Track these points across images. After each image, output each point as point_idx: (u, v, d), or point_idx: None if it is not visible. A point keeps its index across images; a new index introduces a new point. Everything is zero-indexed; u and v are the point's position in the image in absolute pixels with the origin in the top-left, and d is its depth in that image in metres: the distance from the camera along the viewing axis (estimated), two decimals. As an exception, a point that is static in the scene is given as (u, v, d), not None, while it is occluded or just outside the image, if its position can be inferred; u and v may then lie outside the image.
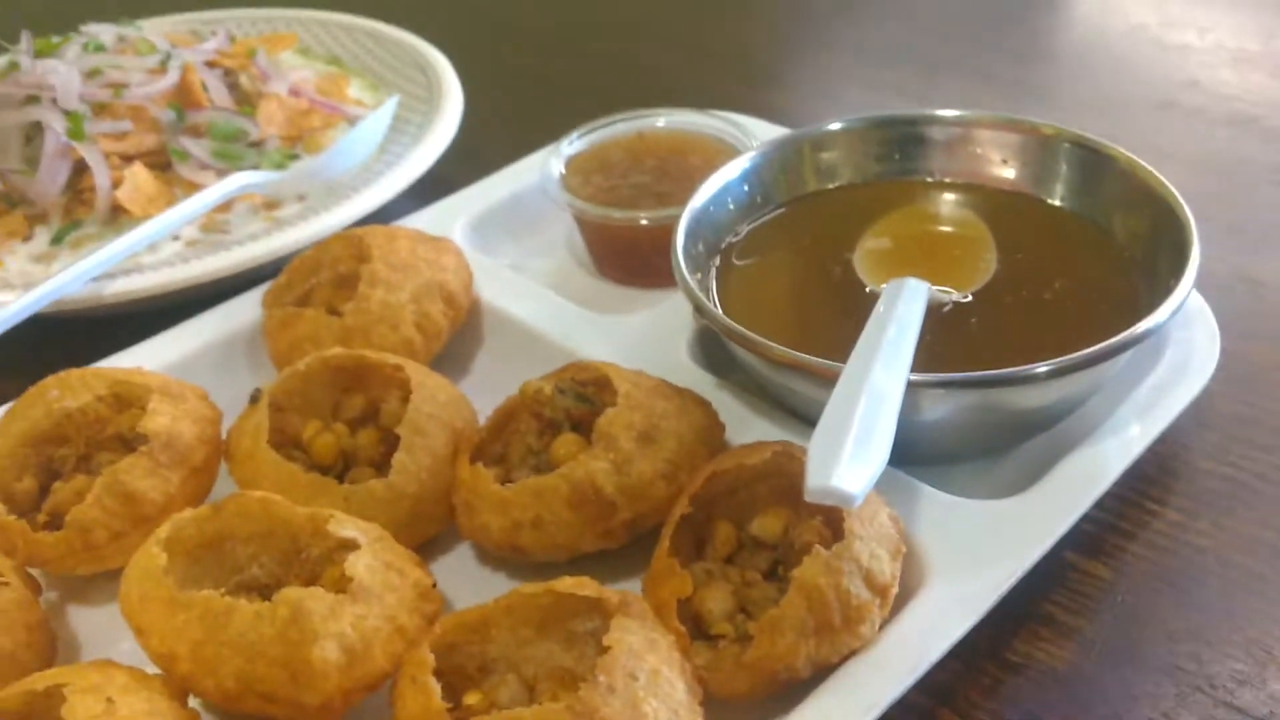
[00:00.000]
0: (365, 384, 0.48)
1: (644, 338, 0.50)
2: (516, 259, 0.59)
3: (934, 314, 0.46)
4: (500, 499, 0.43)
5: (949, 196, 0.52)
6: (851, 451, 0.35)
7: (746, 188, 0.53)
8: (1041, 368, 0.41)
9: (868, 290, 0.48)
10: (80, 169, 0.60)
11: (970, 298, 0.48)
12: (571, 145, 0.60)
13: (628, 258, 0.58)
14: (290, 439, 0.46)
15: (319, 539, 0.41)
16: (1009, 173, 0.52)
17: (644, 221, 0.55)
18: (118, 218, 0.61)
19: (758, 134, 0.60)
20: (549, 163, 0.58)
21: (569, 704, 0.33)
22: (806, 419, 0.45)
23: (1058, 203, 0.51)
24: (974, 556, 0.41)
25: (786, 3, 0.92)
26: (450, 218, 0.59)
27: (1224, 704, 0.39)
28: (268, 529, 0.41)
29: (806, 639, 0.37)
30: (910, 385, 0.40)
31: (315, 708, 0.36)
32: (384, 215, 0.60)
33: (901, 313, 0.43)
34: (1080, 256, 0.49)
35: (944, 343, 0.45)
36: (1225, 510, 0.46)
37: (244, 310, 0.54)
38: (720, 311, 0.46)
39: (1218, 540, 0.45)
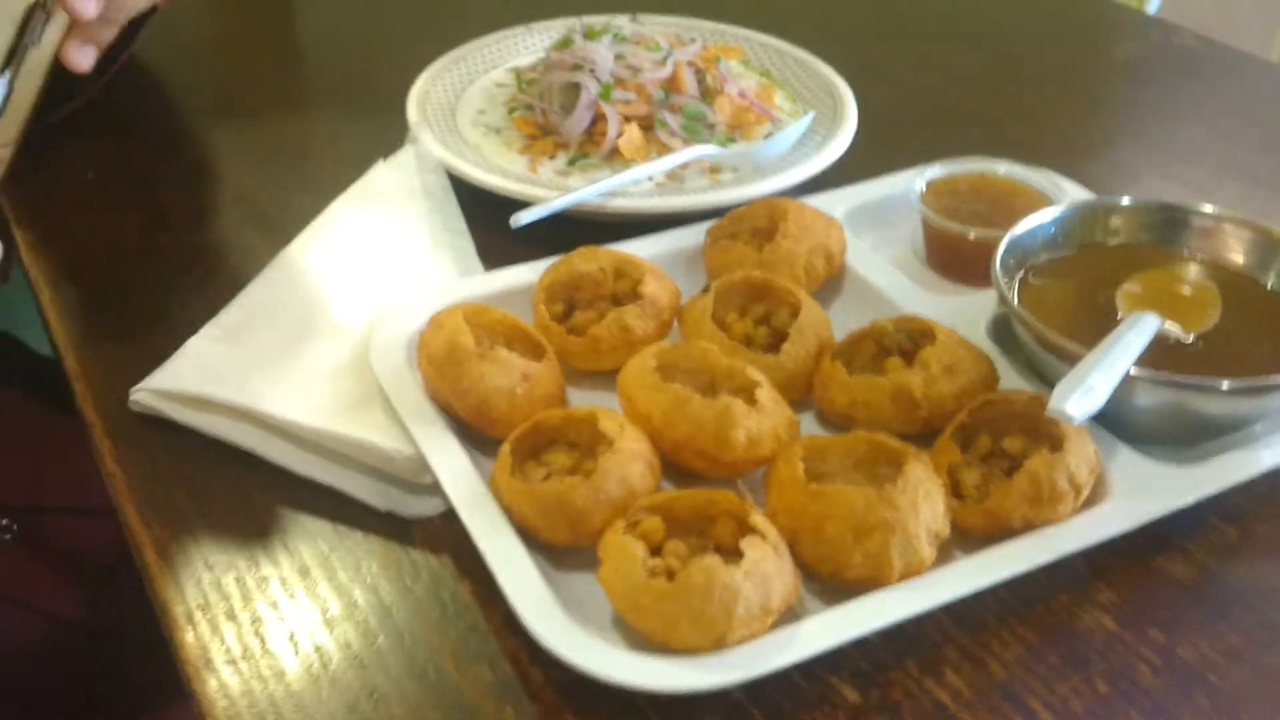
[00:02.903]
0: (765, 298, 0.73)
1: (956, 314, 0.72)
2: (873, 243, 0.83)
3: (1164, 342, 0.67)
4: (847, 383, 0.67)
5: (1194, 267, 0.73)
6: (1080, 392, 0.57)
7: (1053, 229, 0.74)
8: (1224, 383, 0.62)
9: (1118, 316, 0.70)
10: (597, 119, 0.89)
11: (1193, 338, 0.69)
12: (933, 171, 0.83)
13: (953, 259, 0.80)
14: (716, 319, 0.72)
15: (732, 379, 0.66)
16: (1241, 259, 0.72)
17: (972, 236, 0.78)
18: (612, 158, 0.88)
19: (1070, 192, 0.82)
20: (915, 180, 0.82)
21: (876, 490, 0.58)
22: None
23: (1274, 288, 0.71)
24: (1144, 491, 0.61)
25: (1114, 98, 1.12)
26: (835, 204, 0.83)
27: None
28: (701, 366, 0.67)
29: (1024, 504, 0.59)
30: (1130, 375, 0.62)
31: (725, 463, 0.62)
32: (786, 195, 0.85)
33: (1136, 330, 0.64)
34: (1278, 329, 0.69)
35: (1166, 361, 0.65)
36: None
37: (690, 236, 0.80)
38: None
39: (1326, 539, 0.65)
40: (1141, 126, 1.05)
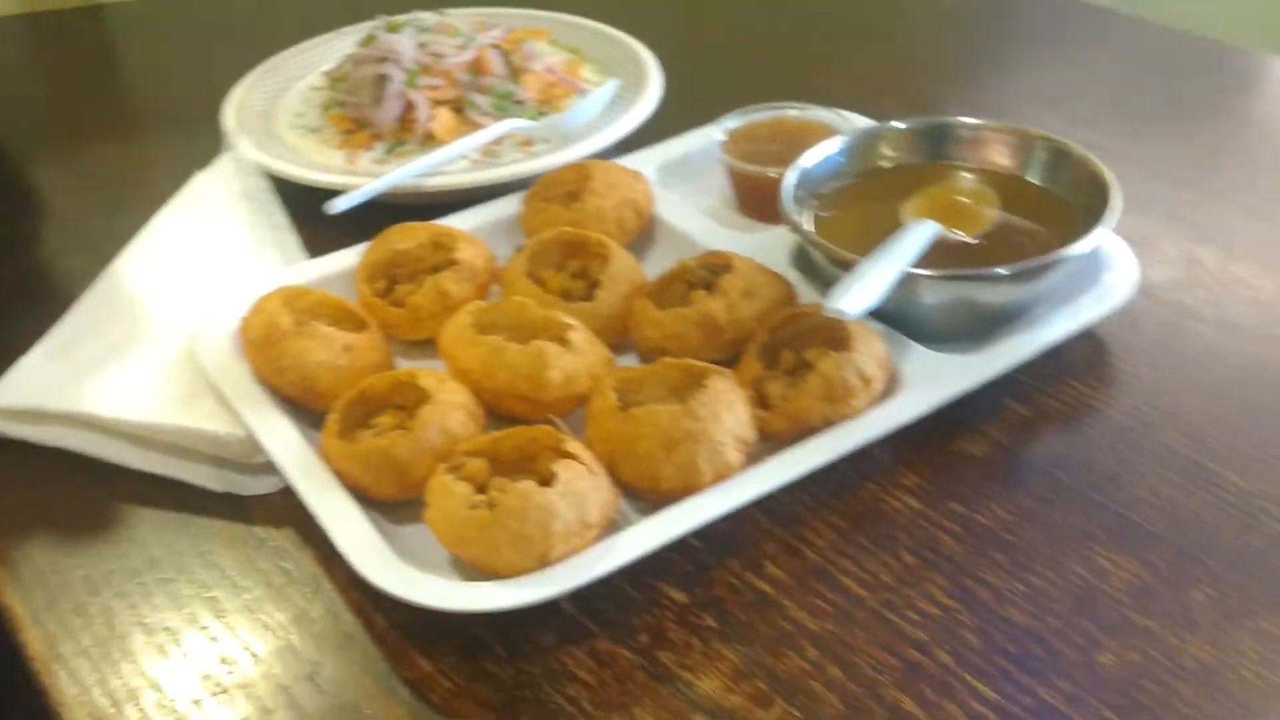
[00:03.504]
0: (580, 253, 0.77)
1: (759, 249, 0.76)
2: (686, 195, 0.86)
3: (949, 246, 0.73)
4: (656, 318, 0.70)
5: (968, 175, 0.78)
6: (854, 292, 0.62)
7: (839, 158, 0.79)
8: (1001, 270, 0.67)
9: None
10: (408, 107, 0.91)
11: (976, 240, 0.74)
12: (732, 121, 0.87)
13: (758, 200, 0.85)
14: (534, 277, 0.75)
15: (550, 328, 0.69)
16: (1008, 161, 0.77)
17: (772, 174, 0.82)
18: (428, 142, 0.91)
19: (859, 125, 0.87)
20: (715, 131, 0.87)
21: (681, 406, 0.61)
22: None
23: (1038, 182, 0.76)
24: (934, 380, 0.66)
25: (921, 44, 1.19)
26: (644, 163, 0.86)
27: (1080, 496, 0.64)
28: (518, 320, 0.70)
29: (820, 403, 0.64)
30: (915, 275, 0.67)
31: (545, 404, 0.65)
32: (600, 158, 0.89)
33: (912, 234, 0.69)
34: (1050, 217, 0.73)
35: (953, 262, 0.70)
36: (1121, 389, 0.70)
37: (507, 206, 0.83)
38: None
39: (1109, 406, 0.70)
40: (949, 68, 1.12)
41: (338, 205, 0.80)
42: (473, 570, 0.58)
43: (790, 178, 0.76)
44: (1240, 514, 0.61)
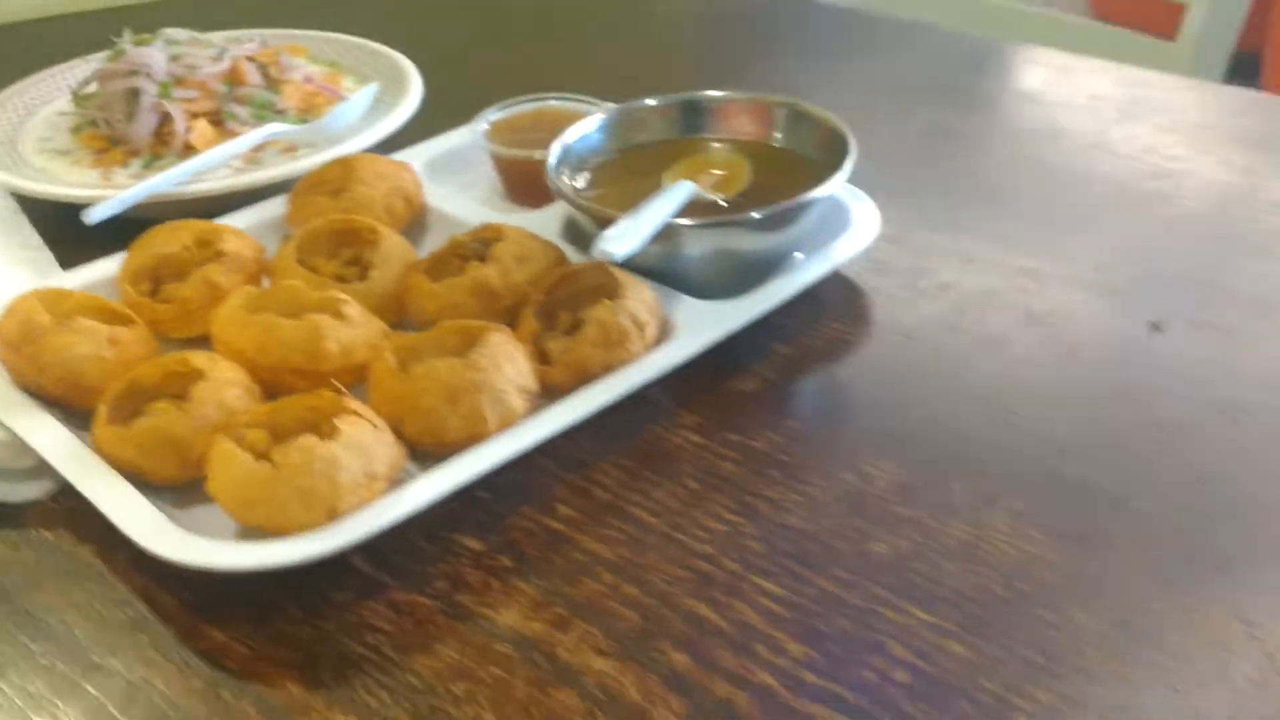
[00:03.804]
0: (351, 241, 0.77)
1: (531, 226, 0.80)
2: (456, 188, 0.88)
3: (707, 208, 0.77)
4: (432, 290, 0.72)
5: (720, 145, 0.83)
6: (618, 235, 0.65)
7: (598, 135, 0.83)
8: (754, 214, 0.71)
9: (665, 192, 0.78)
10: (164, 120, 0.90)
11: (731, 200, 0.78)
12: (493, 113, 0.90)
13: (525, 184, 0.87)
14: (306, 265, 0.75)
15: (324, 306, 0.69)
16: (755, 128, 0.82)
17: (536, 157, 0.85)
18: (187, 154, 0.90)
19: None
20: (478, 123, 0.89)
21: (461, 359, 0.63)
22: (619, 260, 0.74)
23: (784, 145, 0.82)
24: (703, 325, 0.69)
25: (659, 44, 1.25)
26: (413, 159, 0.88)
27: (844, 416, 0.69)
28: (290, 304, 0.69)
29: (597, 350, 0.66)
30: (675, 226, 0.71)
31: (323, 375, 0.65)
32: (366, 158, 0.89)
33: (671, 191, 0.73)
34: (796, 174, 0.78)
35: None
36: (872, 323, 0.76)
37: (275, 206, 0.83)
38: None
39: (863, 338, 0.75)
40: (702, 68, 1.18)
41: (94, 214, 0.78)
42: (263, 538, 0.57)
43: (554, 153, 0.79)
44: (984, 411, 0.67)
